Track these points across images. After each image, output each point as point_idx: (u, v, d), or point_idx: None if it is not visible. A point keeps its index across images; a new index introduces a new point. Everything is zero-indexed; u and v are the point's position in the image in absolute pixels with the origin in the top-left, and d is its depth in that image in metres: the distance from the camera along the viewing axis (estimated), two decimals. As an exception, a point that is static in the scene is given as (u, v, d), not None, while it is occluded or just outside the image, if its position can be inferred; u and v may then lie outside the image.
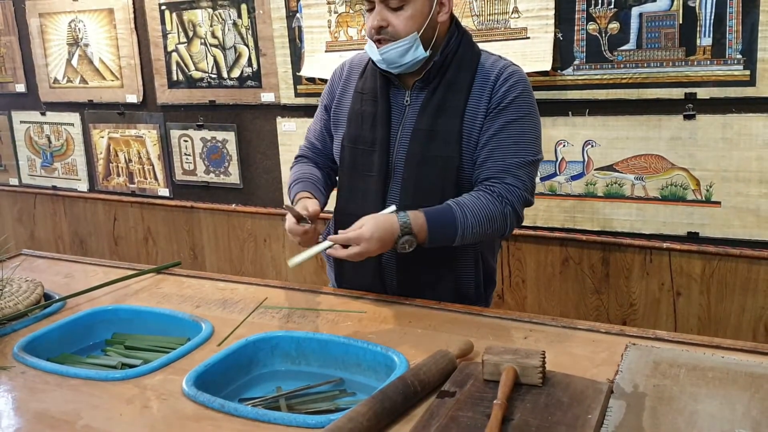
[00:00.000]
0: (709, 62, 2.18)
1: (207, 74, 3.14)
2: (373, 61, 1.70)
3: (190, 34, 3.14)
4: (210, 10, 3.06)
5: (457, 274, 1.72)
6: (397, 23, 1.60)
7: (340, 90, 1.82)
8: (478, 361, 1.27)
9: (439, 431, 1.08)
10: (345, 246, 1.55)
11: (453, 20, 1.71)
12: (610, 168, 2.39)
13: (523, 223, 1.78)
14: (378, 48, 1.63)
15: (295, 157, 1.95)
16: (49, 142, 3.77)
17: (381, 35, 1.62)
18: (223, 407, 1.22)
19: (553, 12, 2.34)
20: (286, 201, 3.07)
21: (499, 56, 1.73)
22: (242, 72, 3.05)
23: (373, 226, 1.52)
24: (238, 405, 1.24)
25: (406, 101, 1.70)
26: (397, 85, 1.71)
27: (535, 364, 1.18)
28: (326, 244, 1.57)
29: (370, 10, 1.63)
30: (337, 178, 1.85)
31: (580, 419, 1.09)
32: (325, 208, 1.73)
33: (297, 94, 2.93)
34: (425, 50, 1.63)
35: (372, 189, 1.70)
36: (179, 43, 3.18)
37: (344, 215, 1.77)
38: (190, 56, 3.17)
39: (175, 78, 3.24)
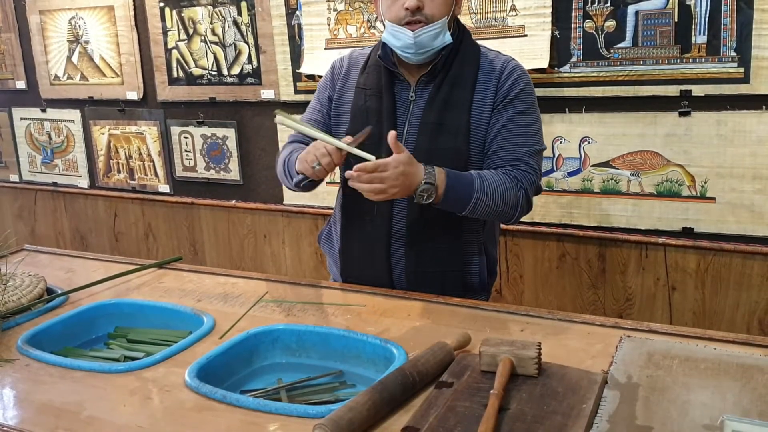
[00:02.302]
0: (703, 60, 2.20)
1: (207, 71, 3.16)
2: (379, 56, 1.71)
3: (190, 31, 3.16)
4: (210, 8, 3.08)
5: (463, 265, 1.74)
6: (432, 6, 1.63)
7: (341, 83, 1.83)
8: (475, 352, 1.30)
9: (437, 420, 1.10)
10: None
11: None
12: (606, 164, 2.41)
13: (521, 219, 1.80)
14: (412, 30, 1.63)
15: (288, 142, 1.92)
16: (50, 138, 3.78)
17: (416, 17, 1.62)
18: (225, 398, 1.24)
19: (550, 10, 2.36)
20: (285, 197, 3.09)
21: (498, 52, 1.76)
22: (242, 69, 3.07)
23: (402, 160, 1.51)
24: (239, 396, 1.26)
25: (411, 96, 1.72)
26: (402, 81, 1.73)
27: (531, 355, 1.21)
28: (349, 148, 1.57)
29: None
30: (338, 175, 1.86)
31: (575, 409, 1.11)
32: (327, 205, 1.74)
33: (297, 91, 2.95)
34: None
35: None
36: (179, 40, 3.20)
37: (349, 211, 1.78)
38: (191, 53, 3.18)
39: (175, 75, 3.25)
